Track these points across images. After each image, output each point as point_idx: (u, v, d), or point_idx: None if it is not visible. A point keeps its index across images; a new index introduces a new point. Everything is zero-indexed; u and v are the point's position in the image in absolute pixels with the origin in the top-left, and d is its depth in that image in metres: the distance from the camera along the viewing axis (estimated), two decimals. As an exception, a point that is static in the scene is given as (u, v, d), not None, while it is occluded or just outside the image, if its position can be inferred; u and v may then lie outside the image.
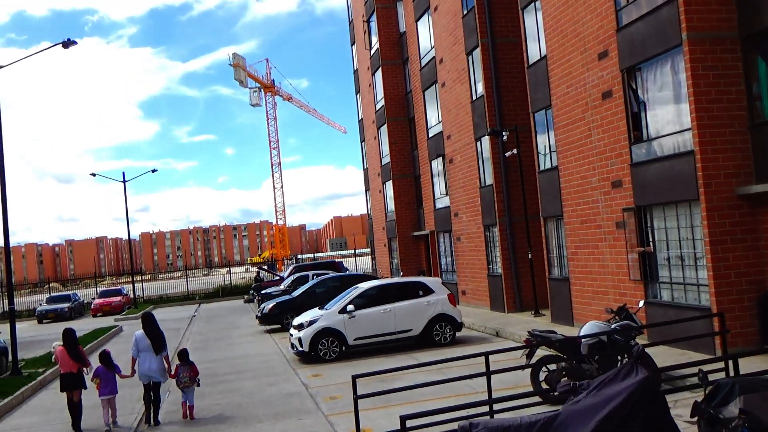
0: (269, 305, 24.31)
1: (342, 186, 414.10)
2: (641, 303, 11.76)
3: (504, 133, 20.93)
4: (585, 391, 6.49)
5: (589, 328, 11.13)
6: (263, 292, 30.56)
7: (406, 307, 17.29)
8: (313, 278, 28.43)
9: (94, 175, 44.82)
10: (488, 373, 9.19)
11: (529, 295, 21.11)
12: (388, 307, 17.19)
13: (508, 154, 21.18)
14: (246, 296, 41.08)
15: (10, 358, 18.07)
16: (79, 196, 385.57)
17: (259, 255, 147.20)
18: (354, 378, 8.78)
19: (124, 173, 41.96)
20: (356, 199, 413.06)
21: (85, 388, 11.93)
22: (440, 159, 28.10)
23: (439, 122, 27.75)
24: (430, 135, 29.54)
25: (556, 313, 18.72)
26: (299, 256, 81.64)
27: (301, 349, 16.75)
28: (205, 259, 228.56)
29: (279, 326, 23.79)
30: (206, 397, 13.42)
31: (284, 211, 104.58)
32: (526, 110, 21.08)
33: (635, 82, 14.65)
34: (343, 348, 16.79)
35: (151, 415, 11.81)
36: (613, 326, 11.12)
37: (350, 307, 16.91)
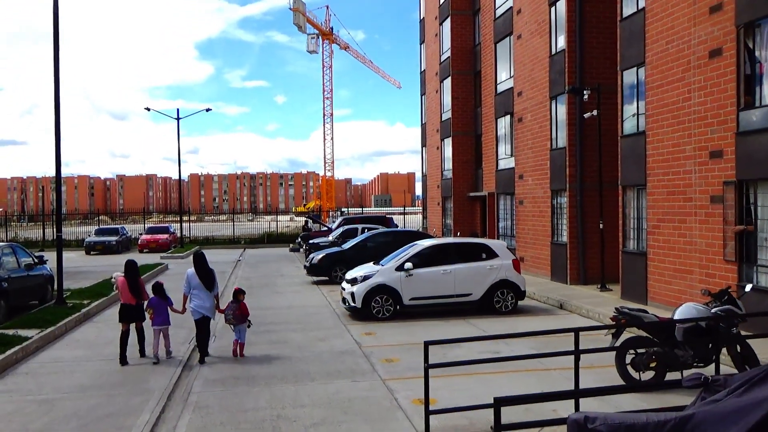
0: (318, 256, 23.51)
1: (390, 143, 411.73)
2: (748, 287, 10.38)
3: (585, 92, 19.33)
4: (724, 389, 5.35)
5: (686, 310, 9.85)
6: (311, 242, 29.80)
7: (467, 270, 16.18)
8: (362, 232, 27.55)
9: (148, 109, 44.49)
10: (577, 352, 8.03)
11: (596, 267, 19.76)
12: (448, 268, 16.10)
13: (587, 115, 19.58)
14: (292, 245, 40.53)
15: (55, 287, 17.66)
16: (132, 133, 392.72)
17: (304, 205, 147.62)
18: (426, 345, 7.75)
19: (178, 110, 41.34)
20: (403, 157, 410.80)
21: (144, 320, 11.89)
22: (508, 117, 26.55)
23: (510, 77, 26.13)
24: (499, 91, 27.94)
25: (627, 289, 17.37)
26: (344, 210, 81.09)
27: (353, 304, 15.84)
28: (250, 205, 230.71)
29: (327, 278, 23.04)
30: (253, 346, 12.65)
31: (332, 163, 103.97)
32: (609, 69, 19.48)
33: (752, 41, 12.97)
34: (398, 307, 15.83)
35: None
36: (713, 311, 9.84)
37: (408, 265, 15.87)
